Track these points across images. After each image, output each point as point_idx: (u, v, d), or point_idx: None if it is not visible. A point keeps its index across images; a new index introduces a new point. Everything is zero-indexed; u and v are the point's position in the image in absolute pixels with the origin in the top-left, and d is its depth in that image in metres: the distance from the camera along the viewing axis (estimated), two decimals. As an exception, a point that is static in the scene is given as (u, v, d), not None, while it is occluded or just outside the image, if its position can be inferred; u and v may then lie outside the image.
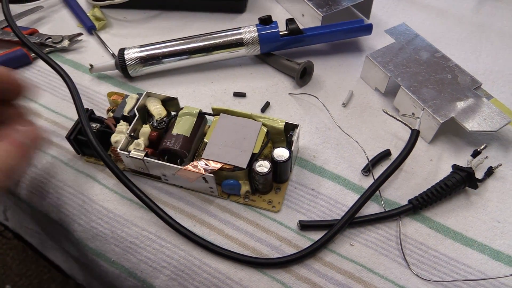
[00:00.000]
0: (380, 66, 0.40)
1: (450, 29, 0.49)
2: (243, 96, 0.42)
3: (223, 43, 0.43)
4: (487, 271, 0.32)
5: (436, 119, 0.37)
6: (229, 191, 0.35)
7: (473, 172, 0.34)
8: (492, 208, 0.35)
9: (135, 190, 0.34)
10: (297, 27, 0.43)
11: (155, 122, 0.37)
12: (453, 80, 0.39)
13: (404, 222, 0.34)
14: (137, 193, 0.34)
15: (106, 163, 0.35)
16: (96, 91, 0.44)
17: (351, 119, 0.41)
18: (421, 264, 0.32)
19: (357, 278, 0.31)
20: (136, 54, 0.43)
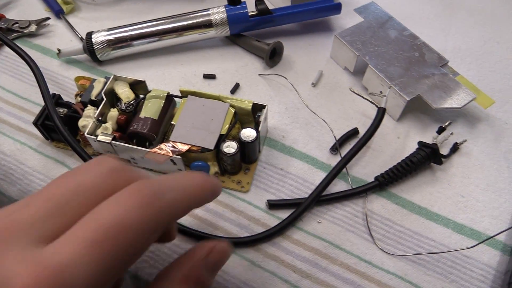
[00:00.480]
0: (348, 45, 0.40)
1: (420, 7, 0.49)
2: (213, 78, 0.42)
3: (192, 25, 0.42)
4: (450, 244, 0.33)
5: (403, 97, 0.37)
6: (198, 173, 0.35)
7: (437, 148, 0.35)
8: (457, 183, 0.36)
9: None
10: (266, 8, 0.43)
11: (123, 106, 0.37)
12: (420, 58, 0.40)
13: (371, 198, 0.35)
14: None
15: (73, 147, 0.34)
16: (65, 76, 0.43)
17: (320, 98, 0.41)
18: (386, 239, 0.33)
19: (324, 255, 0.32)
20: (104, 37, 0.42)
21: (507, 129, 0.39)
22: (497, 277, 0.31)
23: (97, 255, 0.18)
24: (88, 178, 0.20)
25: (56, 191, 0.19)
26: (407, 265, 0.32)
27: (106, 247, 0.18)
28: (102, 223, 0.18)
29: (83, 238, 0.18)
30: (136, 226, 0.19)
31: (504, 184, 0.36)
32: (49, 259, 0.17)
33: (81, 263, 0.17)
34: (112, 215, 0.18)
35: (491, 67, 0.44)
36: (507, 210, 0.34)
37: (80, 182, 0.19)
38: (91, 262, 0.17)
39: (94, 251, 0.18)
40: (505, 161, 0.37)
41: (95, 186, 0.20)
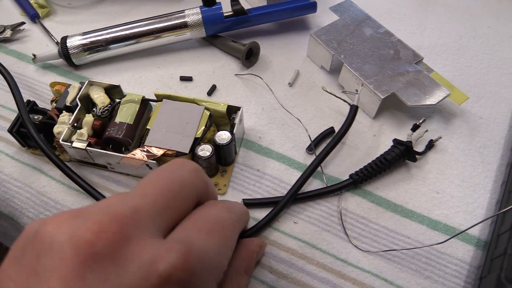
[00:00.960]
0: (323, 44, 0.41)
1: (397, 3, 0.50)
2: (190, 80, 0.42)
3: (167, 27, 0.42)
4: (425, 241, 0.33)
5: (378, 95, 0.37)
6: (175, 176, 0.36)
7: (411, 146, 0.35)
8: (432, 179, 0.36)
9: (78, 180, 0.34)
10: (241, 8, 0.42)
11: (98, 111, 0.37)
12: (395, 56, 0.40)
13: (346, 197, 0.35)
14: (81, 183, 0.34)
15: (49, 156, 0.34)
16: (41, 82, 0.43)
17: (297, 98, 0.41)
18: (361, 237, 0.33)
19: (300, 255, 0.32)
20: (79, 41, 0.42)
21: (481, 124, 0.39)
22: (471, 272, 0.32)
23: (216, 241, 0.21)
24: (185, 175, 0.23)
25: (164, 184, 0.22)
26: (382, 263, 0.32)
27: (218, 236, 0.22)
28: (212, 219, 0.22)
29: (200, 227, 0.21)
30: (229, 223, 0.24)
31: (479, 179, 0.36)
32: (186, 242, 0.19)
33: (209, 246, 0.21)
34: (214, 215, 0.23)
35: (467, 62, 0.44)
36: (481, 205, 0.35)
37: (182, 178, 0.22)
38: (214, 246, 0.21)
39: (213, 237, 0.21)
40: (480, 156, 0.37)
41: (191, 183, 0.23)
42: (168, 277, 0.18)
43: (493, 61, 0.44)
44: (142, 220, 0.19)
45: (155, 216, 0.20)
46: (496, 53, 0.45)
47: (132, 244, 0.18)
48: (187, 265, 0.18)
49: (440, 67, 0.43)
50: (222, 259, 0.22)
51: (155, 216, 0.20)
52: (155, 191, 0.21)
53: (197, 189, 0.23)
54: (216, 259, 0.21)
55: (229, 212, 0.24)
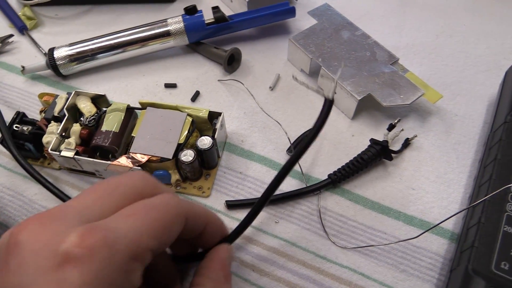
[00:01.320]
0: (302, 48, 0.42)
1: (375, 4, 0.51)
2: (174, 87, 0.44)
3: (151, 36, 0.44)
4: (401, 236, 0.34)
5: (354, 96, 0.38)
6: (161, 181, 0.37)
7: (387, 145, 0.37)
8: (408, 176, 0.37)
9: (54, 190, 0.37)
10: (222, 15, 0.44)
11: (85, 120, 0.38)
12: (371, 57, 0.41)
13: (325, 196, 0.36)
14: (57, 192, 0.37)
15: (29, 171, 0.37)
16: (30, 93, 0.44)
17: (278, 101, 0.42)
18: (340, 234, 0.35)
19: (281, 253, 0.34)
20: (65, 52, 0.43)
21: (457, 121, 0.41)
22: (445, 264, 0.33)
23: (133, 222, 0.22)
24: (125, 178, 0.25)
25: (100, 186, 0.24)
26: (360, 258, 0.33)
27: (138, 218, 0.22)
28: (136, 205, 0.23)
29: (123, 213, 0.22)
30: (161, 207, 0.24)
31: (453, 174, 0.37)
32: (96, 224, 0.21)
33: (121, 226, 0.21)
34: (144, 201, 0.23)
35: (443, 61, 0.45)
36: (456, 200, 0.36)
37: (119, 181, 0.24)
38: (129, 226, 0.22)
39: (131, 219, 0.22)
40: (454, 153, 0.39)
41: (131, 184, 0.24)
42: (68, 255, 0.19)
43: (469, 59, 0.45)
44: (66, 214, 0.22)
45: (81, 210, 0.22)
46: (471, 51, 0.46)
47: (46, 233, 0.20)
48: (85, 242, 0.20)
49: (417, 67, 0.45)
50: (140, 236, 0.22)
51: (82, 210, 0.22)
52: (87, 192, 0.24)
53: (138, 188, 0.25)
54: (129, 237, 0.21)
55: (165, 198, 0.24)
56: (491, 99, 0.42)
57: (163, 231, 0.23)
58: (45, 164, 0.39)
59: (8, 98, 0.44)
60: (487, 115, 0.41)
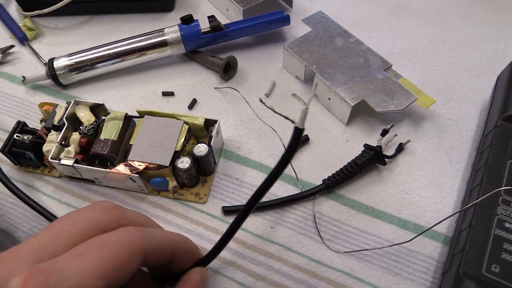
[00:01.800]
0: (296, 55, 0.43)
1: (369, 11, 0.52)
2: (172, 95, 0.44)
3: (149, 45, 0.44)
4: (395, 240, 0.35)
5: (348, 102, 0.39)
6: (158, 188, 0.38)
7: (380, 150, 0.37)
8: (402, 181, 0.38)
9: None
10: (218, 24, 0.45)
11: (84, 129, 0.39)
12: (365, 64, 0.42)
13: (320, 201, 0.37)
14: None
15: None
16: (31, 102, 0.45)
17: (273, 108, 0.43)
18: (335, 238, 0.35)
19: (276, 257, 0.34)
20: (65, 62, 0.44)
21: (450, 126, 0.41)
22: (438, 267, 0.33)
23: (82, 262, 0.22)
24: (85, 212, 0.25)
25: (58, 223, 0.24)
26: (354, 262, 0.34)
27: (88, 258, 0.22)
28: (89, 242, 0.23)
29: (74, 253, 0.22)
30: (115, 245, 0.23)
31: (447, 179, 0.38)
32: (42, 266, 0.21)
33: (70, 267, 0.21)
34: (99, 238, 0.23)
35: (436, 66, 0.46)
36: (449, 204, 0.37)
37: (79, 216, 0.25)
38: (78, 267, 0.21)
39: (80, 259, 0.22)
40: (448, 157, 0.39)
41: (90, 219, 0.25)
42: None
43: (461, 63, 0.46)
44: (20, 254, 0.22)
45: (35, 250, 0.22)
46: (464, 56, 0.47)
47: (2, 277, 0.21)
48: (30, 282, 0.20)
49: (410, 72, 0.45)
50: (87, 280, 0.22)
51: (36, 249, 0.22)
52: (45, 231, 0.24)
53: (100, 224, 0.25)
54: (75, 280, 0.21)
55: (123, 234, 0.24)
56: (484, 103, 0.43)
57: (113, 271, 0.23)
58: (46, 172, 0.40)
59: (9, 108, 0.45)
60: (480, 119, 0.42)
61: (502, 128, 0.35)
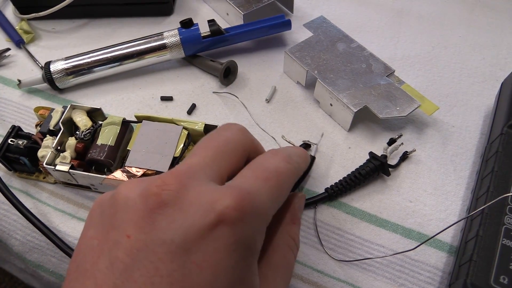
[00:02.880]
0: (297, 60, 0.42)
1: (371, 16, 0.51)
2: (171, 100, 0.44)
3: (147, 49, 0.44)
4: (398, 249, 0.34)
5: (350, 108, 0.38)
6: (156, 195, 0.37)
7: (385, 162, 0.36)
8: (405, 189, 0.37)
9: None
10: (218, 28, 0.44)
11: (81, 134, 0.38)
12: (367, 69, 0.41)
13: (322, 209, 0.36)
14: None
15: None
16: (26, 106, 0.44)
17: (274, 114, 0.42)
18: (337, 247, 0.34)
19: (278, 267, 0.33)
20: (61, 66, 0.43)
21: (454, 133, 0.41)
22: (443, 278, 0.33)
23: (269, 188, 0.24)
24: (230, 134, 0.26)
25: (208, 142, 0.26)
26: (358, 272, 0.33)
27: (273, 184, 0.24)
28: (266, 167, 0.25)
29: (257, 175, 0.24)
30: (288, 174, 0.25)
31: (451, 186, 0.37)
32: (241, 187, 0.22)
33: (262, 192, 0.23)
34: (273, 164, 0.25)
35: (439, 72, 0.45)
36: (454, 212, 0.36)
37: (227, 137, 0.26)
38: (267, 192, 0.23)
39: (267, 184, 0.24)
40: (452, 164, 0.39)
41: (237, 139, 0.26)
42: (223, 216, 0.20)
43: (464, 70, 0.45)
44: (195, 172, 0.23)
45: (205, 168, 0.23)
46: (467, 62, 0.46)
47: (190, 192, 0.22)
48: (240, 206, 0.21)
49: (412, 78, 0.45)
50: (273, 205, 0.24)
51: (206, 168, 0.24)
52: (202, 150, 0.25)
53: (243, 144, 0.26)
54: (268, 204, 0.23)
55: (287, 162, 0.26)
56: (488, 110, 0.42)
57: (285, 198, 0.25)
58: (40, 178, 0.39)
59: (4, 112, 0.44)
60: (483, 126, 0.41)
61: (508, 135, 0.35)
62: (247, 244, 0.21)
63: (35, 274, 0.39)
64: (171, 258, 0.20)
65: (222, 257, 0.20)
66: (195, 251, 0.20)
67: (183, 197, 0.21)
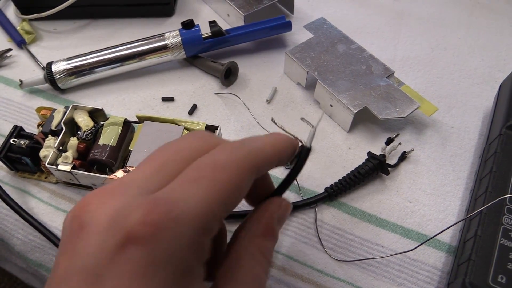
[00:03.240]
0: (298, 62, 0.42)
1: (371, 18, 0.51)
2: (172, 100, 0.44)
3: (149, 50, 0.44)
4: (398, 249, 0.34)
5: (350, 109, 0.39)
6: (157, 195, 0.37)
7: (384, 160, 0.37)
8: (404, 189, 0.38)
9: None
10: (219, 29, 0.44)
11: (82, 134, 0.38)
12: (367, 70, 0.42)
13: (322, 209, 0.36)
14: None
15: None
16: (28, 106, 0.44)
17: (274, 114, 0.43)
18: (337, 247, 0.35)
19: (278, 266, 0.34)
20: (63, 67, 0.44)
21: (452, 133, 0.41)
22: (442, 277, 0.33)
23: (200, 189, 0.20)
24: (185, 143, 0.23)
25: (158, 153, 0.23)
26: (357, 272, 0.33)
27: (205, 182, 0.20)
28: (199, 165, 0.21)
29: (186, 178, 0.20)
30: (229, 164, 0.21)
31: (450, 187, 0.38)
32: (159, 197, 0.19)
33: (190, 196, 0.19)
34: (208, 159, 0.21)
35: (438, 74, 0.46)
36: (452, 213, 0.36)
37: (177, 146, 0.23)
38: (198, 195, 0.19)
39: (197, 185, 0.20)
40: (451, 165, 0.39)
41: (189, 147, 0.23)
42: (131, 233, 0.18)
43: (463, 71, 0.46)
44: (127, 187, 0.20)
45: (142, 181, 0.21)
46: (466, 64, 0.46)
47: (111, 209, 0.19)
48: (150, 220, 0.18)
49: (412, 79, 0.45)
50: (212, 208, 0.20)
51: (143, 181, 0.21)
52: (148, 161, 0.22)
53: (202, 151, 0.22)
54: (201, 210, 0.19)
55: (230, 153, 0.22)
56: (486, 111, 0.42)
57: (231, 193, 0.21)
58: (42, 178, 0.39)
59: (5, 112, 0.44)
60: (482, 128, 0.41)
61: (507, 136, 0.35)
62: (171, 263, 0.18)
63: (37, 273, 0.39)
64: (84, 286, 0.17)
65: (138, 283, 0.17)
66: (108, 277, 0.18)
67: (101, 217, 0.19)
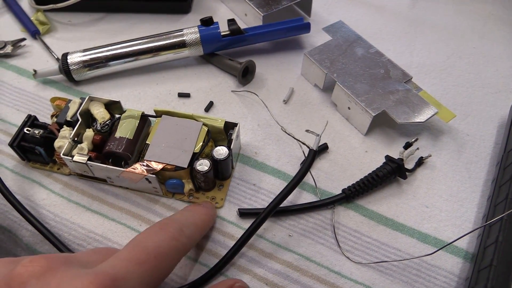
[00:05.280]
0: (317, 63, 0.42)
1: (387, 24, 0.52)
2: (188, 97, 0.44)
3: (166, 45, 0.44)
4: (415, 253, 0.34)
5: (369, 112, 0.39)
6: (173, 190, 0.36)
7: (402, 164, 0.37)
8: (421, 194, 0.37)
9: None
10: (238, 28, 0.44)
11: (98, 126, 0.38)
12: (385, 75, 0.42)
13: (339, 210, 0.36)
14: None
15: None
16: (41, 96, 0.44)
17: (291, 115, 0.42)
18: (354, 250, 0.34)
19: (295, 267, 0.33)
20: (79, 58, 0.43)
21: (468, 141, 0.41)
22: (459, 283, 0.33)
23: (143, 272, 0.22)
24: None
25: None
26: (375, 275, 0.33)
27: (149, 266, 0.23)
28: (149, 248, 0.24)
29: (131, 258, 0.23)
30: (168, 253, 0.25)
31: (466, 194, 0.37)
32: (104, 270, 0.21)
33: (134, 277, 0.22)
34: (154, 244, 0.24)
35: (454, 81, 0.46)
36: (469, 219, 0.36)
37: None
38: (140, 277, 0.22)
39: (141, 268, 0.22)
40: (467, 172, 0.39)
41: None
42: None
43: (478, 80, 0.46)
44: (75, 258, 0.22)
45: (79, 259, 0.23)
46: (481, 73, 0.47)
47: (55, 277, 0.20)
48: (98, 286, 0.19)
49: (428, 86, 0.45)
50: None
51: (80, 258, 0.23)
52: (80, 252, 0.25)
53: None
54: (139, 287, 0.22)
55: (172, 239, 0.25)
56: (501, 121, 0.43)
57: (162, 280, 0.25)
58: (55, 169, 0.39)
59: (18, 102, 0.43)
60: (497, 136, 0.41)
61: (526, 144, 0.35)
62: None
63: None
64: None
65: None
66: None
67: (46, 282, 0.19)
